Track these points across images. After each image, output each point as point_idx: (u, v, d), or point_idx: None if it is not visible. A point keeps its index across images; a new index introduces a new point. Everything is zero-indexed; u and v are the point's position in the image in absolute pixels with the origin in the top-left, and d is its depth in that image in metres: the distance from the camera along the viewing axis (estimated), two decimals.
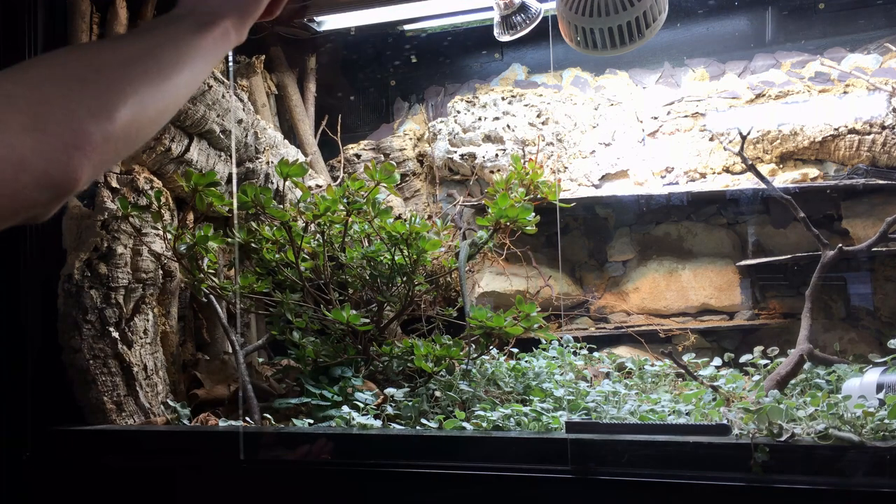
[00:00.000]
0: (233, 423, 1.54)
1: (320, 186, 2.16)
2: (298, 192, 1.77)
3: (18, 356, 1.64)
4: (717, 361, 1.77)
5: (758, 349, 1.77)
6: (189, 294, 1.91)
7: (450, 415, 1.43)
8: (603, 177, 2.24)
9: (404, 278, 1.69)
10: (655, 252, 2.20)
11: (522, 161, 1.87)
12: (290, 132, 2.38)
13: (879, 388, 1.37)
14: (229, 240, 1.74)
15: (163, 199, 1.73)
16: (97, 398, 1.63)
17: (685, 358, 1.78)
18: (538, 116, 2.28)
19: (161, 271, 1.78)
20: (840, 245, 1.63)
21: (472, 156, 2.30)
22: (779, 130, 2.06)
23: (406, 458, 1.31)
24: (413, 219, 1.64)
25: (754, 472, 1.10)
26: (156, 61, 0.75)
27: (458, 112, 2.37)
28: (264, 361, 1.95)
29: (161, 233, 1.74)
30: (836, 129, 2.00)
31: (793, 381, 1.59)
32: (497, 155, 2.26)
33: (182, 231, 1.65)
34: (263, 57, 2.27)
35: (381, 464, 1.30)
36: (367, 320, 1.66)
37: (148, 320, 1.75)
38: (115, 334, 1.67)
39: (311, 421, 1.52)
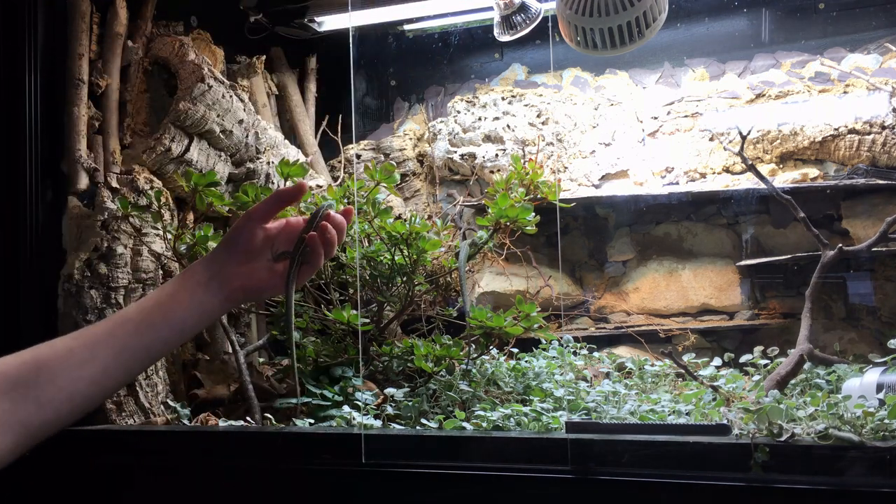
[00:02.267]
0: (233, 423, 1.54)
1: (321, 186, 2.16)
2: None
3: None
4: (717, 361, 1.77)
5: (758, 349, 1.77)
6: None
7: (450, 415, 1.43)
8: (603, 177, 2.24)
9: (404, 278, 1.69)
10: (655, 252, 2.20)
11: (522, 161, 1.87)
12: (291, 132, 2.38)
13: (879, 388, 1.37)
14: None
15: (163, 199, 1.73)
16: None
17: (685, 358, 1.78)
18: (538, 116, 2.28)
19: (161, 271, 1.78)
20: (840, 245, 1.63)
21: (472, 156, 2.30)
22: (779, 130, 2.06)
23: (406, 458, 1.31)
24: (413, 219, 1.64)
25: (754, 472, 1.10)
26: None
27: (458, 112, 2.37)
28: (265, 361, 1.96)
29: (161, 233, 1.74)
30: (836, 129, 2.00)
31: (793, 381, 1.59)
32: (497, 155, 2.26)
33: (182, 231, 1.65)
34: (264, 57, 2.27)
35: (381, 464, 1.30)
36: (367, 320, 1.66)
37: None
38: None
39: (312, 420, 1.52)
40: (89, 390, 1.01)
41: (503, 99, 2.33)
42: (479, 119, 2.32)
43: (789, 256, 1.95)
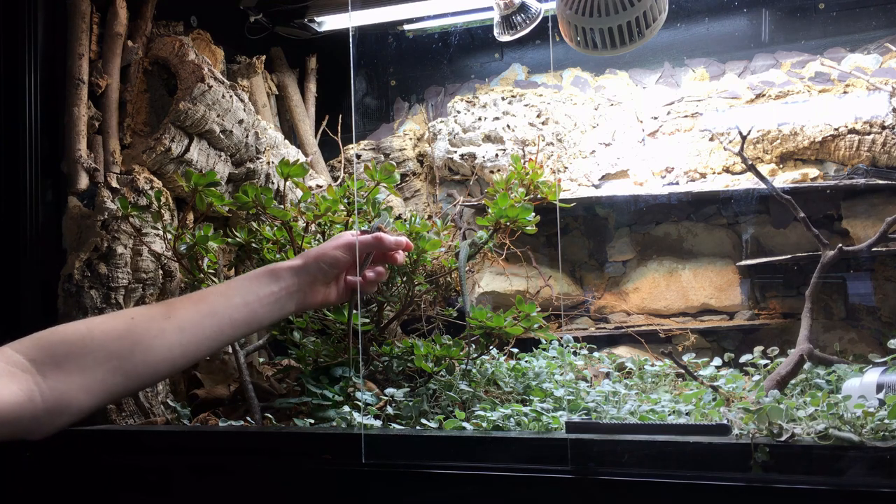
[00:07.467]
0: (233, 423, 1.54)
1: (321, 186, 2.17)
2: (299, 193, 1.77)
3: None
4: (717, 361, 1.77)
5: (758, 349, 1.77)
6: None
7: (450, 415, 1.43)
8: (603, 177, 2.24)
9: (404, 278, 1.69)
10: (655, 252, 2.20)
11: (522, 161, 1.87)
12: (291, 132, 2.38)
13: (879, 388, 1.37)
14: (229, 240, 1.74)
15: (163, 199, 1.73)
16: None
17: (685, 358, 1.78)
18: (538, 116, 2.28)
19: (161, 271, 1.78)
20: (840, 245, 1.63)
21: (472, 156, 2.30)
22: (779, 130, 2.06)
23: (406, 458, 1.31)
24: (413, 219, 1.64)
25: (754, 472, 1.10)
26: None
27: (458, 112, 2.37)
28: (265, 361, 1.96)
29: (161, 233, 1.74)
30: (836, 129, 2.00)
31: (793, 381, 1.59)
32: (497, 155, 2.26)
33: (182, 231, 1.65)
34: (264, 57, 2.27)
35: (381, 464, 1.30)
36: (367, 320, 1.66)
37: None
38: None
39: (312, 421, 1.52)
40: (168, 369, 1.12)
41: (503, 99, 2.33)
42: (479, 119, 2.32)
43: (789, 256, 1.95)
